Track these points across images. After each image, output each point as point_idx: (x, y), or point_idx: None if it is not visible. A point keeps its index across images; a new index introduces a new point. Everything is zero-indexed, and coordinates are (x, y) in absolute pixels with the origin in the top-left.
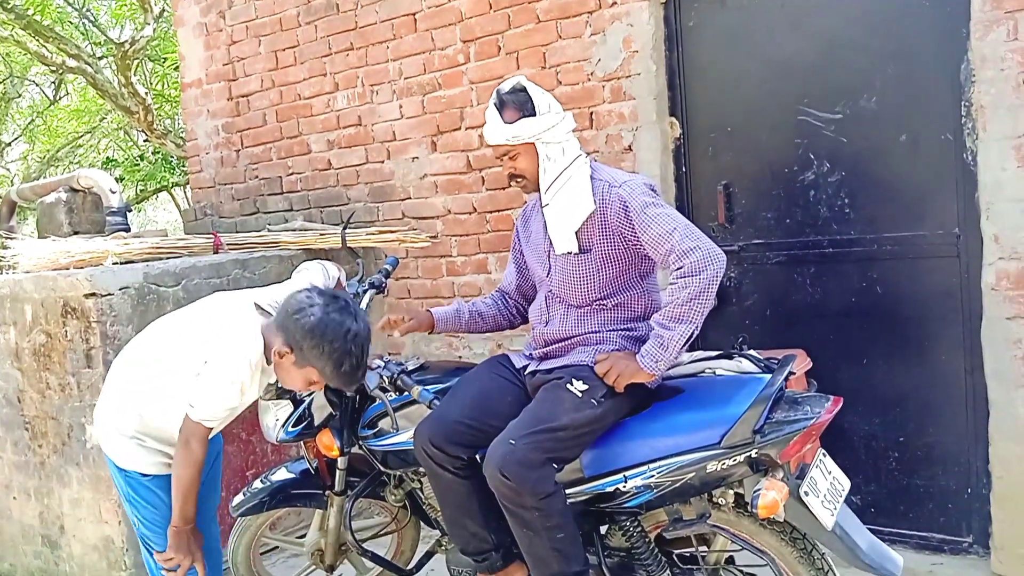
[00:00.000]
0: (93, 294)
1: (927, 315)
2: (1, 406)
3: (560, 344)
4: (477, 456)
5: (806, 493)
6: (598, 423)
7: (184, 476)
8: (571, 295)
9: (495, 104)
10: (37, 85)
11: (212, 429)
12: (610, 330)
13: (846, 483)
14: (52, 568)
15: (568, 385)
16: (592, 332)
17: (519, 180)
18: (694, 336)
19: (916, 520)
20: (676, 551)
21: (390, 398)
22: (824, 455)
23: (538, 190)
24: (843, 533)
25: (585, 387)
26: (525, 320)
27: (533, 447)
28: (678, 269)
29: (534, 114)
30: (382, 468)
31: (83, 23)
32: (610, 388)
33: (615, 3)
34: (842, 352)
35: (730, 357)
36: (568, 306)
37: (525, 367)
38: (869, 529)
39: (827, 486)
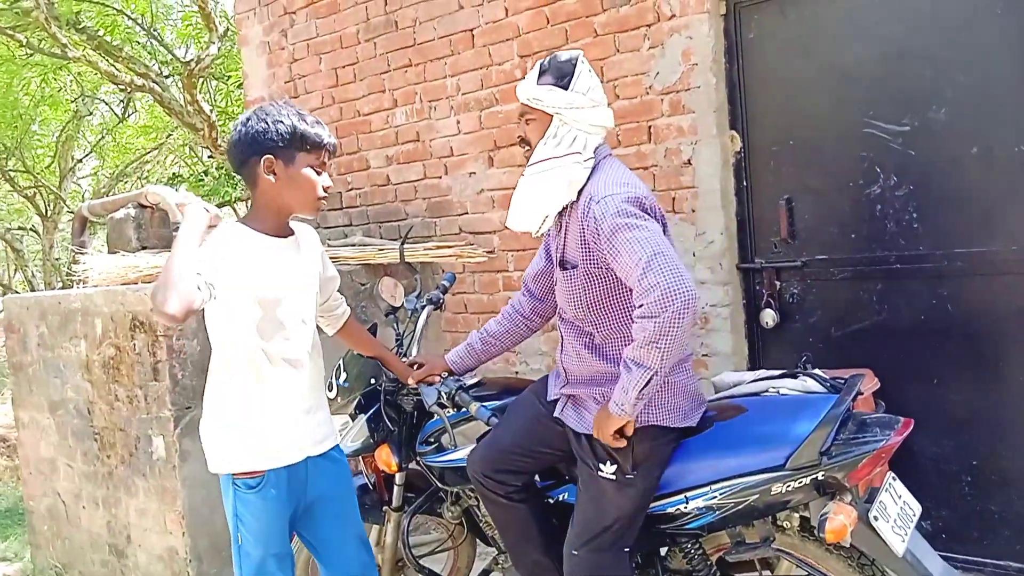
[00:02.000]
0: None
1: (1000, 333)
2: (72, 417)
3: (572, 386)
4: (535, 479)
5: (875, 518)
6: (645, 496)
7: (166, 267)
8: (568, 312)
9: (541, 63)
10: (107, 104)
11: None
12: (606, 372)
13: (917, 508)
14: None
15: (599, 473)
16: (596, 375)
17: (525, 149)
18: (653, 380)
19: (991, 547)
20: (739, 575)
21: (448, 414)
22: (894, 478)
23: None
24: (915, 560)
25: (613, 467)
26: (546, 319)
27: (595, 551)
28: (640, 307)
29: (566, 89)
30: (439, 484)
31: (151, 43)
32: (635, 454)
33: (674, 16)
34: (911, 372)
35: (794, 376)
36: (570, 328)
37: (555, 401)
38: (941, 556)
39: (897, 511)
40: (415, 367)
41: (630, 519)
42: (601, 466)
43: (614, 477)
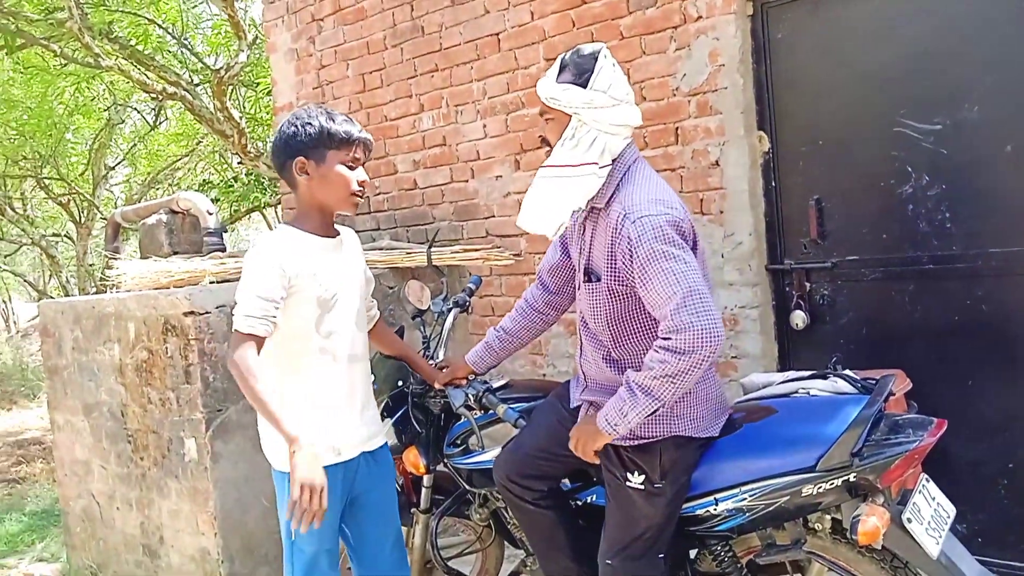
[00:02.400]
0: (192, 312)
1: None
2: (106, 419)
3: (592, 391)
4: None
5: (909, 520)
6: (674, 503)
7: (247, 392)
8: (589, 323)
9: (562, 58)
10: (139, 112)
11: (248, 332)
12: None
13: (951, 510)
14: None
15: (627, 483)
16: (614, 384)
17: (545, 146)
18: (657, 412)
19: None
20: None
21: (475, 416)
22: (927, 480)
23: None
24: (949, 563)
25: (641, 477)
26: (561, 311)
27: (629, 559)
28: (665, 339)
29: (585, 87)
30: (467, 487)
31: (181, 51)
32: (661, 463)
33: (700, 17)
34: (944, 373)
35: (824, 377)
36: (590, 336)
37: (578, 408)
38: (977, 560)
39: (931, 513)
40: (442, 370)
41: (661, 527)
42: (629, 476)
43: (642, 487)
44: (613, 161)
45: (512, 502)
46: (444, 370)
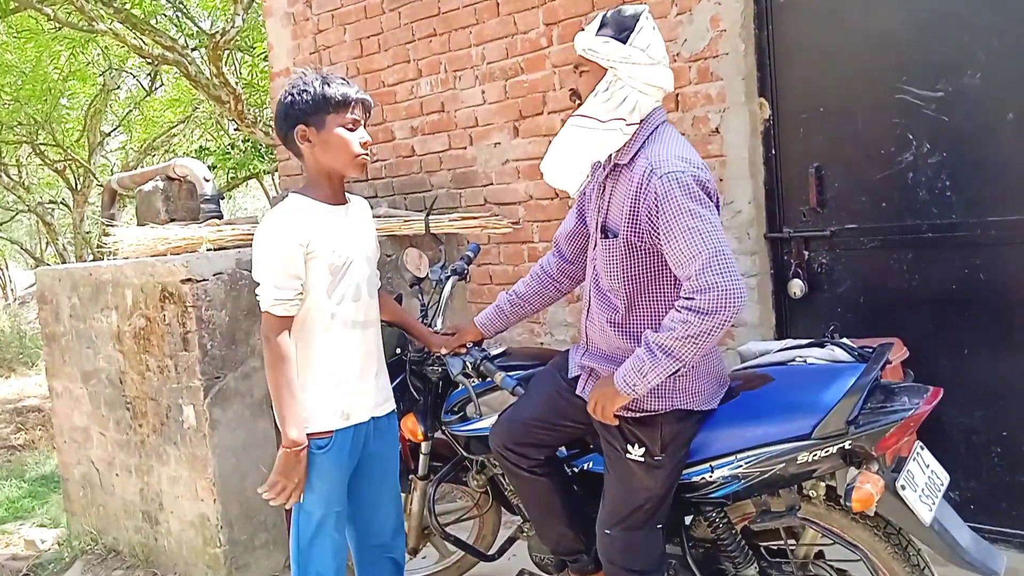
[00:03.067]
0: (189, 280)
1: None
2: (104, 386)
3: (592, 356)
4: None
5: (903, 487)
6: (673, 475)
7: (271, 379)
8: (604, 280)
9: (603, 16)
10: (134, 77)
11: (284, 315)
12: (626, 350)
13: (945, 477)
14: (152, 543)
15: (627, 456)
16: (615, 351)
17: (575, 99)
18: (678, 372)
19: (1020, 519)
20: (764, 544)
21: (473, 384)
22: (922, 448)
23: None
24: (942, 529)
25: (641, 450)
26: (576, 281)
27: (628, 529)
28: (688, 299)
29: (624, 42)
30: (465, 453)
31: (177, 15)
32: (661, 436)
33: None
34: (941, 342)
35: (822, 346)
36: (600, 297)
37: (577, 378)
38: (970, 527)
39: (925, 480)
40: (452, 335)
41: (660, 499)
42: (629, 448)
43: (642, 459)
44: (640, 121)
45: (509, 470)
46: (453, 335)
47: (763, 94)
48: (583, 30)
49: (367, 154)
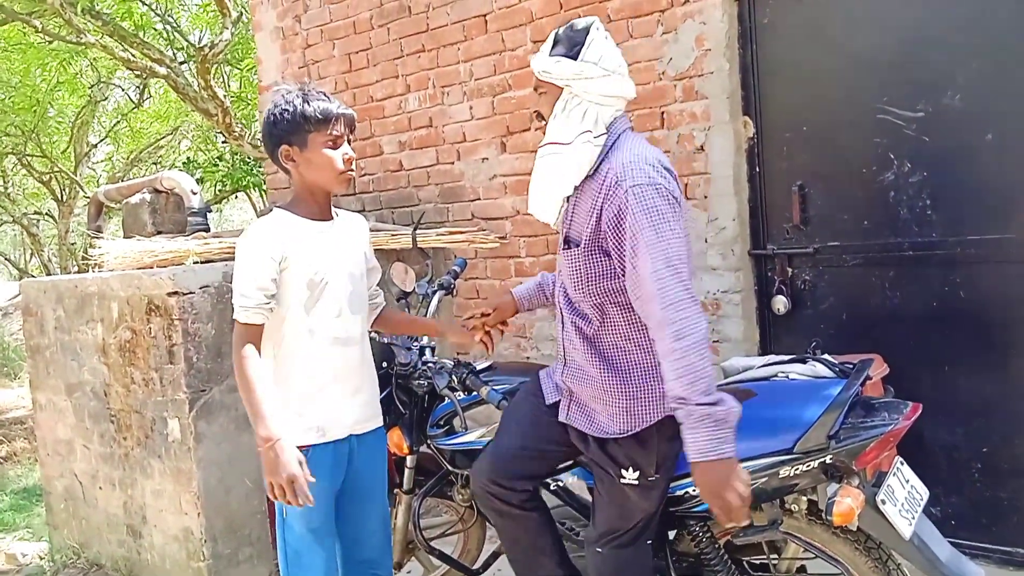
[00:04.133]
0: (176, 292)
1: (1013, 321)
2: (89, 399)
3: (570, 372)
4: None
5: (883, 501)
6: (665, 491)
7: (239, 384)
8: (570, 290)
9: (555, 33)
10: (122, 89)
11: (246, 322)
12: (596, 366)
13: (925, 492)
14: (135, 556)
15: (621, 480)
16: (586, 367)
17: (540, 120)
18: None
19: (1000, 534)
20: (746, 558)
21: (459, 397)
22: (902, 463)
23: None
24: (921, 543)
25: (636, 472)
26: None
27: (619, 547)
28: (658, 342)
29: (575, 59)
30: (450, 467)
31: (165, 29)
32: (657, 456)
33: (687, 1)
34: (922, 359)
35: (804, 361)
36: (570, 309)
37: (557, 403)
38: (950, 542)
39: (905, 495)
40: (486, 316)
41: (652, 515)
42: (624, 472)
43: (637, 482)
44: (607, 131)
45: (497, 509)
46: (491, 314)
47: (747, 112)
48: (539, 51)
49: (351, 170)
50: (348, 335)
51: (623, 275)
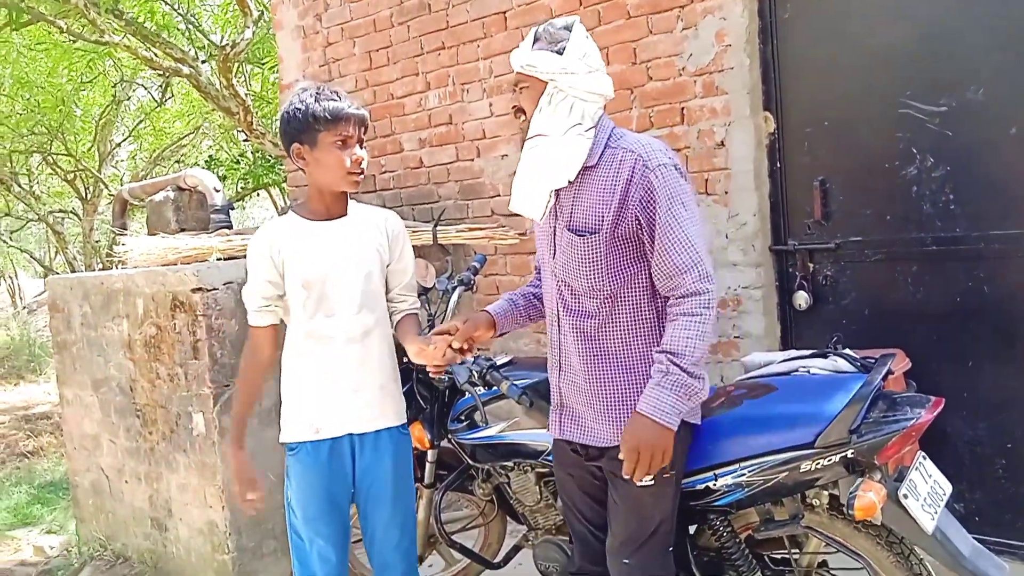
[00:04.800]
0: (200, 289)
1: None
2: (115, 394)
3: (571, 382)
4: None
5: (905, 496)
6: (679, 488)
7: (237, 382)
8: (576, 283)
9: (535, 31)
10: (145, 88)
11: (253, 324)
12: (624, 366)
13: (947, 487)
14: (160, 549)
15: (637, 483)
16: (600, 368)
17: (520, 116)
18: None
19: None
20: (767, 552)
21: (479, 392)
22: (924, 458)
23: None
24: (944, 538)
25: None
26: None
27: (647, 556)
28: (681, 305)
29: (560, 54)
30: (471, 462)
31: (188, 28)
32: (674, 451)
33: None
34: (945, 354)
35: (825, 356)
36: (572, 310)
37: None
38: (974, 538)
39: (927, 489)
40: (448, 333)
41: (672, 517)
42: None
43: (652, 482)
44: (595, 125)
45: None
46: (456, 332)
47: (768, 108)
48: (518, 47)
49: (359, 171)
50: (347, 334)
51: (650, 254)
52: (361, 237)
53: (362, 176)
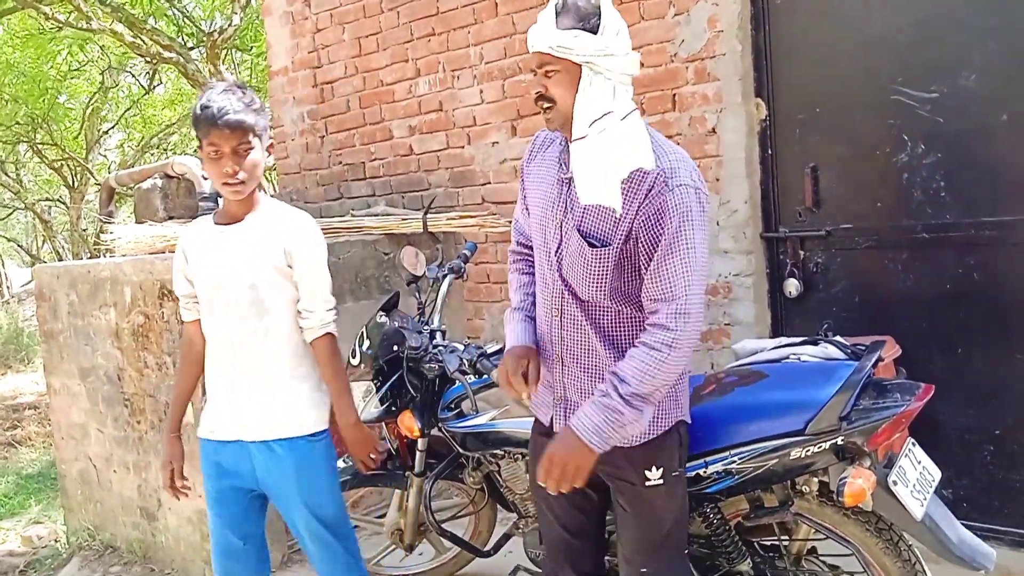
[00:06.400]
0: None
1: None
2: (103, 383)
3: (577, 381)
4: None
5: (895, 482)
6: (685, 488)
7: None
8: (581, 288)
9: (555, 4)
10: (133, 76)
11: (187, 322)
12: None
13: (936, 473)
14: (149, 539)
15: (645, 484)
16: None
17: (547, 106)
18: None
19: (1013, 517)
20: (757, 539)
21: (470, 380)
22: (914, 444)
23: (562, 127)
24: (933, 524)
25: (659, 471)
26: None
27: (664, 561)
28: (650, 334)
29: (595, 32)
30: (461, 450)
31: (174, 14)
32: (678, 449)
33: None
34: (935, 341)
35: (815, 343)
36: (579, 306)
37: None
38: (962, 524)
39: (916, 476)
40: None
41: (684, 518)
42: (647, 474)
43: (662, 481)
44: None
45: None
46: (528, 367)
47: (760, 94)
48: (536, 26)
49: (237, 182)
50: (235, 339)
51: (646, 273)
52: (254, 246)
53: (242, 186)
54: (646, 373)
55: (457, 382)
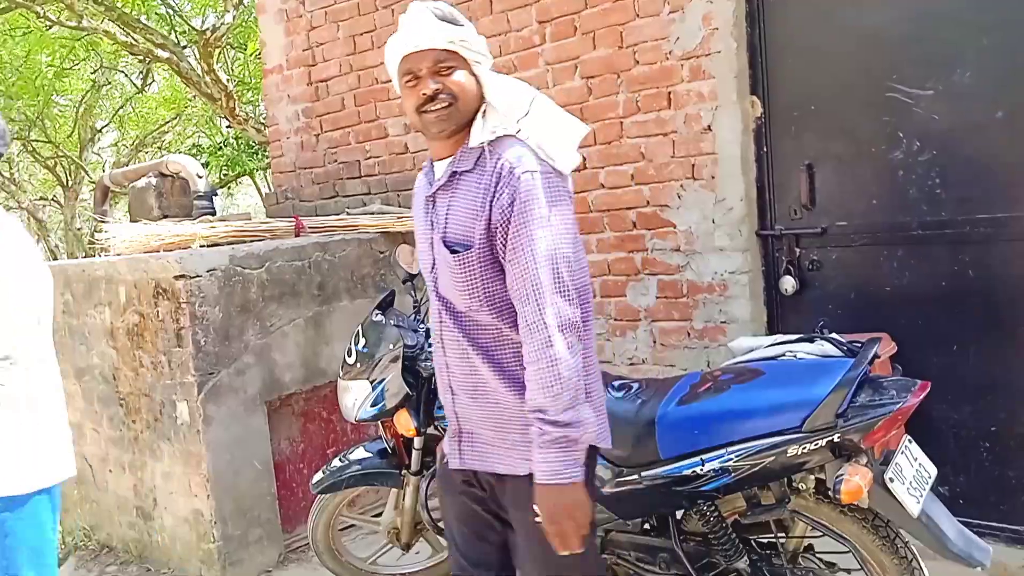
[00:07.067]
0: (183, 276)
1: (1022, 300)
2: (98, 383)
3: (466, 405)
4: None
5: (891, 479)
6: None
7: None
8: (456, 299)
9: (433, 11)
10: (126, 75)
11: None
12: (507, 380)
13: (932, 470)
14: (145, 538)
15: (536, 519)
16: (502, 386)
17: (447, 102)
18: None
19: (1008, 513)
20: (754, 537)
21: None
22: (910, 441)
23: (460, 125)
24: (929, 521)
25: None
26: None
27: None
28: (527, 344)
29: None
30: None
31: (167, 12)
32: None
33: None
34: (930, 338)
35: (811, 340)
36: (457, 323)
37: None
38: (958, 521)
39: (913, 473)
40: None
41: (592, 541)
42: (535, 508)
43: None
44: None
45: None
46: None
47: (755, 92)
48: (410, 30)
49: None
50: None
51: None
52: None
53: None
54: (551, 387)
55: None
